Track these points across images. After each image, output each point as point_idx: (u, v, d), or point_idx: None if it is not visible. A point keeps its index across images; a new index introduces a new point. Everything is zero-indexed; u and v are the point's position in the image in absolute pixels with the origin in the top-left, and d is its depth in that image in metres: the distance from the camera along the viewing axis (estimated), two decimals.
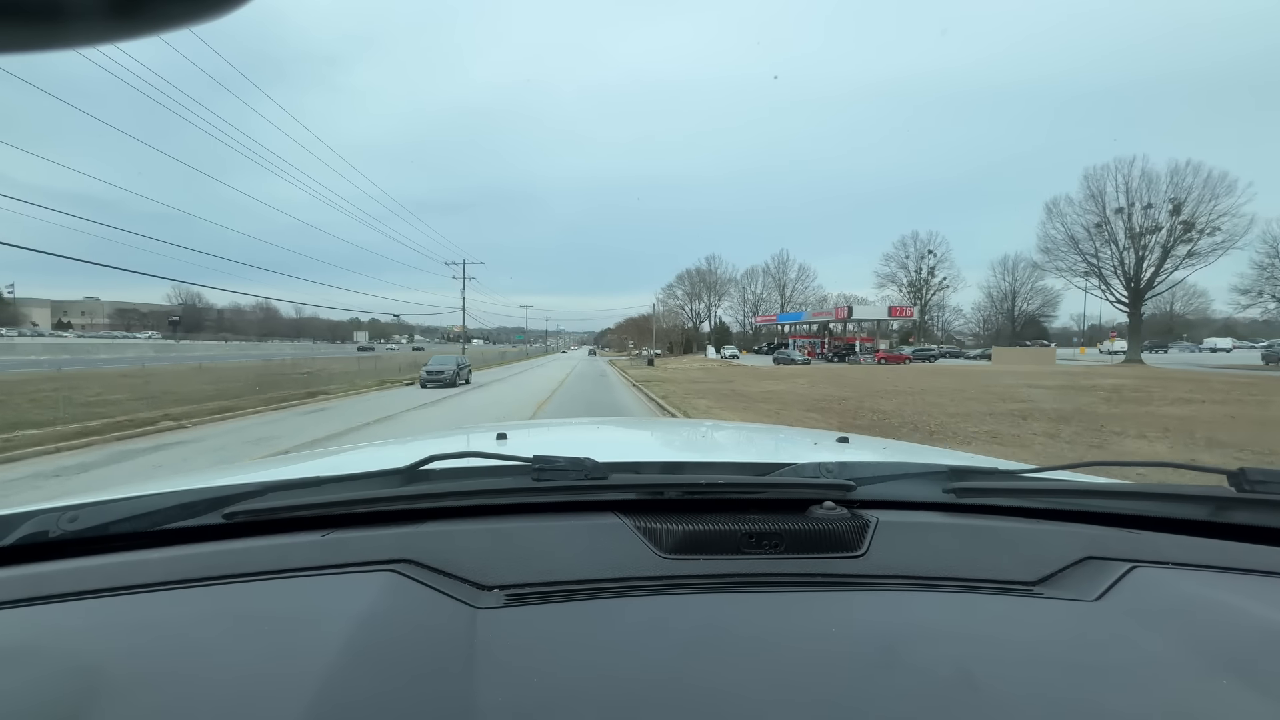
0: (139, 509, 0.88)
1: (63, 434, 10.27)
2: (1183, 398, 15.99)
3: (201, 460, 9.08)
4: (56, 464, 8.66)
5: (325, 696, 0.52)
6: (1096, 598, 0.71)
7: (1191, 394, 17.03)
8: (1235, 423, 11.30)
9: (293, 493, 0.94)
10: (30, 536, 0.81)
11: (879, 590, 0.74)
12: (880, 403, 15.61)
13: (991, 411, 13.22)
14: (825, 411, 13.96)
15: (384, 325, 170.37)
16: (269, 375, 21.00)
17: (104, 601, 0.69)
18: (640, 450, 1.79)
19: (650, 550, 0.79)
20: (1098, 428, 10.64)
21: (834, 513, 0.86)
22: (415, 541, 0.79)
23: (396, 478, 0.98)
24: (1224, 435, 9.70)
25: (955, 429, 10.80)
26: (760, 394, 19.10)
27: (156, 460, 9.00)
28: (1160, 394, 17.04)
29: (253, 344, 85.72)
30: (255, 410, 15.14)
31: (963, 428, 10.92)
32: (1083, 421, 11.45)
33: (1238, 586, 0.75)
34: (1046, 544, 0.83)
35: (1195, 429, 10.40)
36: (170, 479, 1.17)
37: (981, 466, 1.24)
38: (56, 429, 10.63)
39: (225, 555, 0.78)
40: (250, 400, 16.15)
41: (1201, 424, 11.04)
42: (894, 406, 14.71)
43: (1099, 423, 11.27)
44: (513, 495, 0.93)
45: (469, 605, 0.67)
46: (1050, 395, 17.08)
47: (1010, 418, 12.14)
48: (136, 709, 0.52)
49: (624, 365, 49.98)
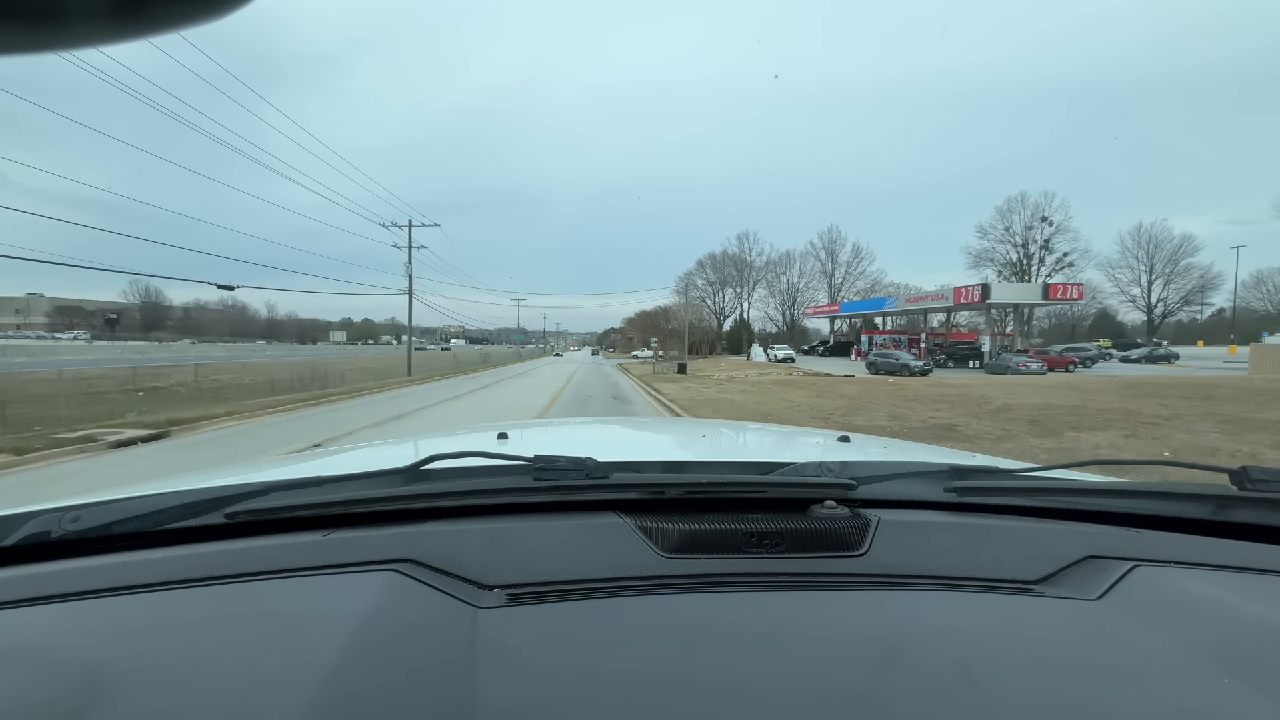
0: (141, 509, 0.88)
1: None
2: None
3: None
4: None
5: (327, 695, 0.52)
6: (1098, 597, 0.71)
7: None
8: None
9: (295, 492, 0.94)
10: (32, 536, 0.82)
11: (880, 589, 0.74)
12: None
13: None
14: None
15: (376, 325, 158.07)
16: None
17: (106, 601, 0.69)
18: (641, 449, 1.78)
19: (651, 549, 0.79)
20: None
21: (835, 512, 0.86)
22: (417, 541, 0.79)
23: (398, 477, 0.98)
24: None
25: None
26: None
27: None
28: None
29: (216, 345, 79.01)
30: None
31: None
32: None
33: (1240, 586, 0.74)
34: (1048, 543, 0.83)
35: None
36: (172, 479, 1.16)
37: (983, 465, 1.24)
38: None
39: (227, 555, 0.78)
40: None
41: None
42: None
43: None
44: (514, 495, 0.93)
45: (470, 605, 0.67)
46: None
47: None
48: (138, 708, 0.52)
49: (643, 374, 32.67)
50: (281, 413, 14.51)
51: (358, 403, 17.19)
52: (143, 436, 10.16)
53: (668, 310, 72.43)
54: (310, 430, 11.75)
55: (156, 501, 0.90)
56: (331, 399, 17.78)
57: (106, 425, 10.97)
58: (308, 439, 10.47)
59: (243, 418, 13.18)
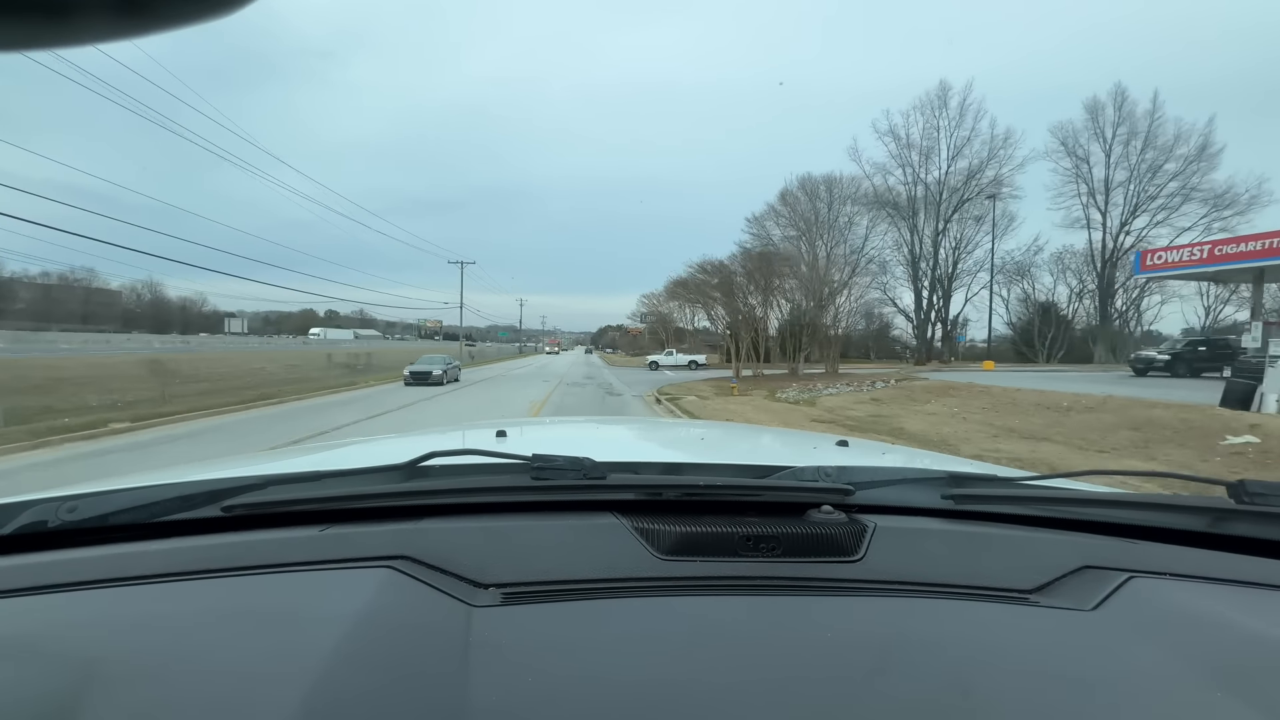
0: (138, 500, 0.88)
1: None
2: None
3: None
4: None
5: (319, 691, 0.52)
6: (1093, 607, 0.71)
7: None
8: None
9: (292, 487, 0.94)
10: (29, 526, 0.82)
11: (875, 595, 0.74)
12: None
13: None
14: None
15: (343, 318, 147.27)
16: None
17: (101, 592, 0.69)
18: (639, 450, 1.77)
19: (647, 551, 0.79)
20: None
21: (832, 517, 0.86)
22: (413, 538, 0.79)
23: (396, 474, 0.97)
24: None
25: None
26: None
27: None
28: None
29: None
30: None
31: None
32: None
33: (1235, 599, 0.75)
34: (1044, 552, 0.83)
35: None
36: (169, 471, 1.16)
37: (980, 473, 1.23)
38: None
39: (223, 548, 0.78)
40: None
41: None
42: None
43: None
44: (511, 494, 0.92)
45: (465, 603, 0.67)
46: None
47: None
48: (132, 700, 0.52)
49: (691, 407, 15.72)
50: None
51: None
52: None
53: (729, 277, 34.56)
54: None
55: (153, 493, 0.90)
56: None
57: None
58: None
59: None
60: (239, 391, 18.44)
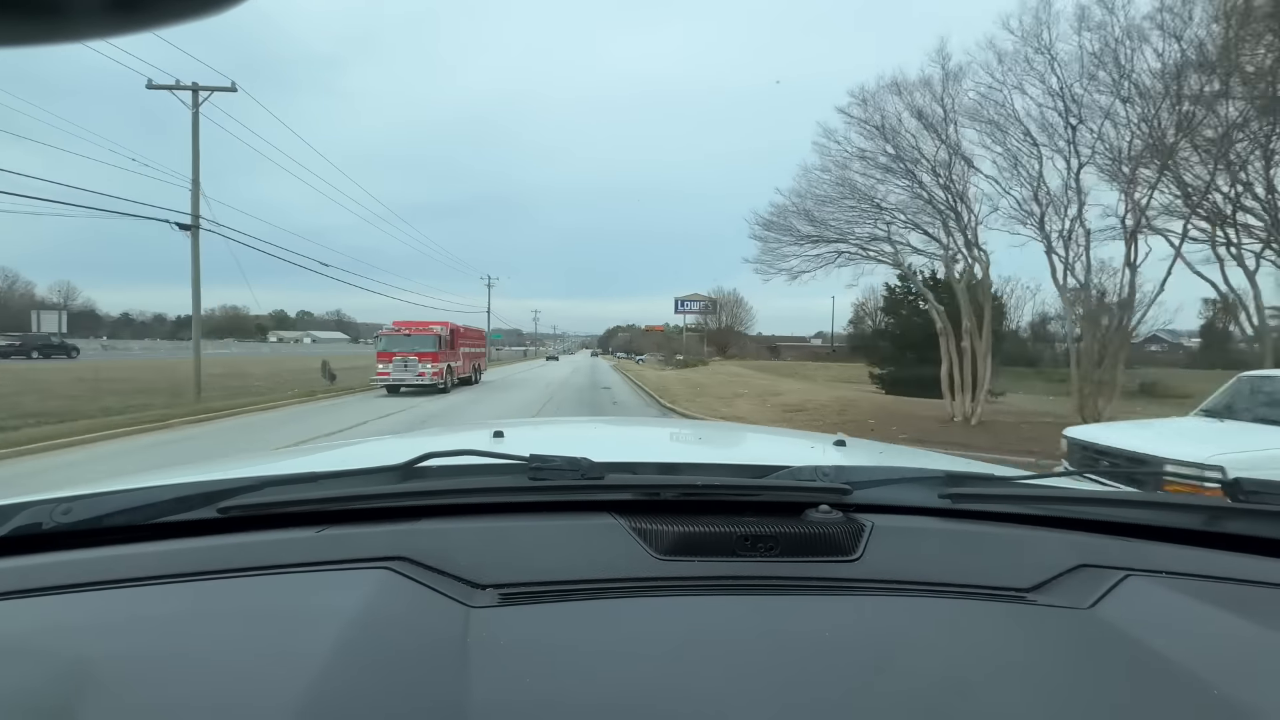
0: (133, 502, 0.88)
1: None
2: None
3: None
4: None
5: (317, 693, 0.52)
6: (1089, 605, 0.71)
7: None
8: None
9: (288, 488, 0.94)
10: (24, 528, 0.81)
11: (873, 594, 0.74)
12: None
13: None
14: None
15: (317, 320, 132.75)
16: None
17: (97, 594, 0.69)
18: (637, 450, 1.76)
19: (645, 551, 0.78)
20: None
21: (829, 516, 0.86)
22: (410, 539, 0.79)
23: (393, 474, 0.97)
24: None
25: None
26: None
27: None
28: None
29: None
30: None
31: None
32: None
33: (1230, 597, 0.75)
34: (1041, 551, 0.83)
35: None
36: (165, 472, 1.16)
37: (978, 472, 1.24)
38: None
39: (219, 550, 0.77)
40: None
41: None
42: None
43: None
44: (508, 494, 0.92)
45: (463, 604, 0.67)
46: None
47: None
48: (128, 702, 0.52)
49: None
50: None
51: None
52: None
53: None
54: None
55: (149, 495, 0.89)
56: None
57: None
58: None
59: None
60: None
